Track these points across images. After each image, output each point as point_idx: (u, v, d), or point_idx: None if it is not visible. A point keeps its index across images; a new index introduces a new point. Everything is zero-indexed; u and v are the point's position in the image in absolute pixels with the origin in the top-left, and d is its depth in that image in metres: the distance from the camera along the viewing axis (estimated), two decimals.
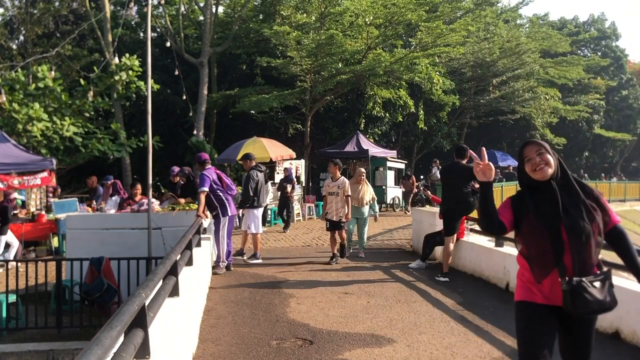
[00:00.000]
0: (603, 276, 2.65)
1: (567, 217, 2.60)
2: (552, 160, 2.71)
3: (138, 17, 27.07)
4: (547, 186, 2.69)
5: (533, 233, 2.67)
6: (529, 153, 2.75)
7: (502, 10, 29.66)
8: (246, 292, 6.85)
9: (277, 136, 21.48)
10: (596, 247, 2.62)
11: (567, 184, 2.71)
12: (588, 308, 2.56)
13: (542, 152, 2.72)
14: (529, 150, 2.76)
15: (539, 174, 2.68)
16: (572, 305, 2.56)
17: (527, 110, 28.51)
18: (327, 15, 19.98)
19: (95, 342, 2.00)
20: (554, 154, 2.76)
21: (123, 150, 15.97)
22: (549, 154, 2.72)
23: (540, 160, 2.70)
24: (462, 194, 7.48)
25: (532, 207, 2.68)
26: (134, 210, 8.97)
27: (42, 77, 13.99)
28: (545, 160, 2.69)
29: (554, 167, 2.70)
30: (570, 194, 2.67)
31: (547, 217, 2.63)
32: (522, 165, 2.79)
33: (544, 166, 2.68)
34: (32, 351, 6.20)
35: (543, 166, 2.68)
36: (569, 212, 2.61)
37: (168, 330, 3.45)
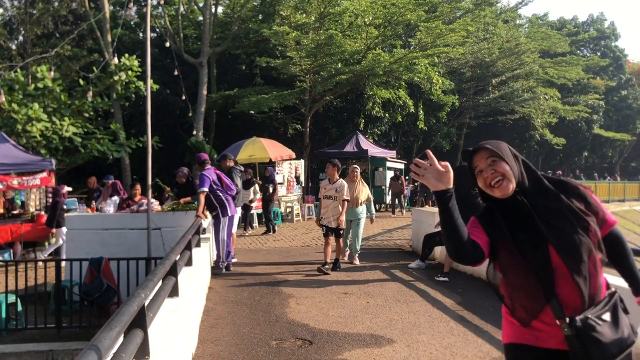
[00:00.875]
0: (610, 301, 1.99)
1: (553, 234, 1.94)
2: (511, 168, 2.02)
3: (137, 18, 27.07)
4: (514, 202, 2.03)
5: (512, 261, 2.01)
6: (478, 163, 2.08)
7: (502, 10, 29.69)
8: (245, 292, 6.85)
9: (277, 136, 21.48)
10: (599, 263, 1.97)
11: (541, 189, 2.05)
12: (606, 354, 1.87)
13: (495, 160, 2.03)
14: (478, 160, 2.08)
15: (497, 191, 2.03)
16: (584, 354, 1.88)
17: (527, 110, 28.53)
18: (327, 15, 19.98)
19: (94, 343, 2.00)
20: (513, 156, 2.09)
21: (122, 151, 15.96)
22: (505, 161, 2.03)
23: (494, 172, 2.02)
24: (471, 196, 7.48)
25: (506, 230, 2.02)
26: (134, 211, 8.97)
27: (41, 78, 13.98)
28: (500, 172, 2.01)
29: (515, 176, 2.02)
30: (550, 200, 2.01)
31: (527, 241, 1.98)
32: (475, 182, 2.14)
33: (501, 180, 2.01)
34: (31, 351, 6.19)
35: (500, 180, 2.01)
36: (554, 225, 1.95)
37: (167, 331, 3.45)
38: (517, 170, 2.05)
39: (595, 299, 1.95)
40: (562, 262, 1.92)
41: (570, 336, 1.89)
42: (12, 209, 11.86)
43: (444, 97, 24.35)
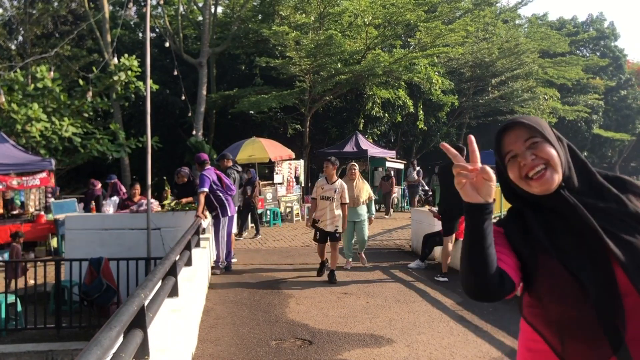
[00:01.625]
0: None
1: (619, 246, 1.37)
2: (557, 152, 1.45)
3: (137, 18, 27.07)
4: (558, 201, 1.44)
5: (558, 288, 1.39)
6: (511, 145, 1.49)
7: (501, 10, 29.68)
8: (245, 293, 6.85)
9: (276, 136, 21.47)
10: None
11: (594, 185, 1.49)
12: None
13: (537, 141, 1.46)
14: (510, 141, 1.49)
15: (536, 185, 1.44)
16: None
17: (526, 110, 28.51)
18: (326, 15, 19.98)
19: (94, 343, 2.00)
20: (557, 138, 1.52)
21: (122, 151, 15.97)
22: (550, 143, 1.46)
23: (535, 159, 1.44)
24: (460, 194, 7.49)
25: (546, 242, 1.44)
26: (133, 211, 8.97)
27: (41, 78, 13.99)
28: (544, 158, 1.43)
29: (561, 165, 1.45)
30: (607, 201, 1.45)
31: (580, 258, 1.39)
32: (503, 169, 1.53)
33: (543, 170, 1.43)
34: (31, 352, 6.19)
35: (542, 170, 1.43)
36: (618, 236, 1.39)
37: (167, 331, 3.45)
38: (564, 158, 1.47)
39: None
40: (635, 289, 1.32)
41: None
42: (12, 209, 11.86)
43: (444, 97, 24.36)
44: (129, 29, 25.70)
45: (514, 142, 1.49)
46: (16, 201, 12.49)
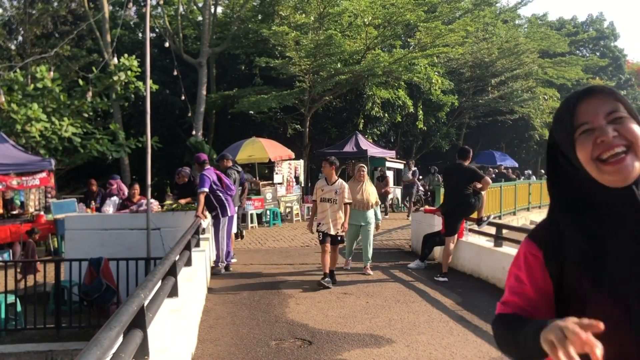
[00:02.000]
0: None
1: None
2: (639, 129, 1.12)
3: (137, 18, 27.05)
4: (626, 200, 1.11)
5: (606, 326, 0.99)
6: (589, 116, 1.14)
7: (501, 10, 29.68)
8: (245, 293, 6.85)
9: (276, 136, 21.46)
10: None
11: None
12: None
13: (622, 117, 1.13)
14: (587, 110, 1.15)
15: (612, 170, 1.10)
16: None
17: (526, 110, 28.54)
18: (326, 15, 19.97)
19: (94, 343, 2.01)
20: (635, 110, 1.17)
21: (122, 151, 15.96)
22: (634, 120, 1.14)
23: (616, 137, 1.11)
24: (463, 195, 7.51)
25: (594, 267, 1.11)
26: (133, 211, 8.97)
27: (40, 78, 13.98)
28: (629, 138, 1.11)
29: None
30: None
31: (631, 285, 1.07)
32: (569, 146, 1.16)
33: (623, 155, 1.10)
34: (31, 352, 6.19)
35: (622, 154, 1.10)
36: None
37: (167, 331, 3.45)
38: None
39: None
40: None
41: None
42: (12, 209, 11.85)
43: (444, 97, 24.36)
44: (129, 29, 25.69)
45: (593, 113, 1.13)
46: (16, 201, 12.48)
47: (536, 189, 18.50)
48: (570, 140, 1.15)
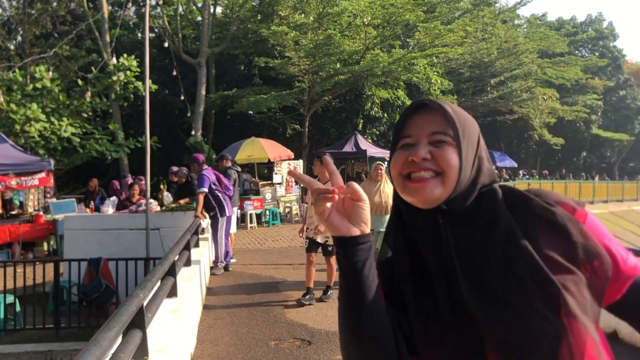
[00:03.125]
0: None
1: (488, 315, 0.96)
2: (461, 164, 1.02)
3: (136, 18, 27.04)
4: (426, 224, 1.05)
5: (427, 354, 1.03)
6: (414, 129, 1.07)
7: (500, 10, 29.71)
8: (244, 293, 6.85)
9: (276, 136, 21.46)
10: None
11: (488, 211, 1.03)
12: None
13: (444, 141, 1.04)
14: (417, 124, 1.07)
15: (411, 188, 1.04)
16: None
17: (525, 110, 28.56)
18: (325, 15, 19.98)
19: (93, 343, 2.01)
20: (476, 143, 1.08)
21: (121, 151, 15.96)
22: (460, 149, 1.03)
23: (426, 161, 1.03)
24: None
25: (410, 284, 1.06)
26: (132, 211, 8.97)
27: (39, 78, 13.98)
28: (440, 165, 1.02)
29: (455, 180, 1.02)
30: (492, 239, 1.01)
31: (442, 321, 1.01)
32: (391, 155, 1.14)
33: (426, 178, 1.02)
34: (30, 352, 6.19)
35: (425, 177, 1.03)
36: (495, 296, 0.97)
37: (166, 331, 3.45)
38: (469, 171, 1.05)
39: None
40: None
41: None
42: (11, 209, 11.85)
43: (443, 97, 24.35)
44: (128, 29, 25.69)
45: (419, 128, 1.07)
46: (15, 201, 12.48)
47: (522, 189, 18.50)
48: (392, 151, 1.11)
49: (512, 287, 0.96)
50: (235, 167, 9.67)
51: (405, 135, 1.08)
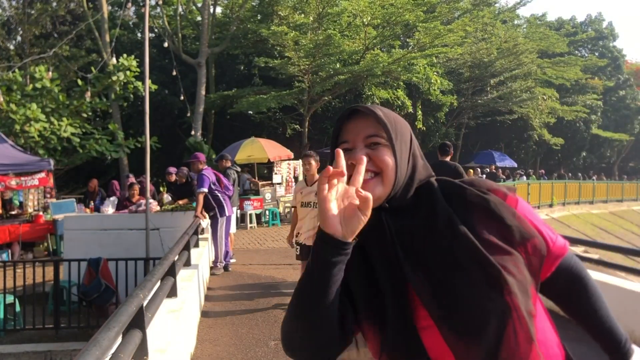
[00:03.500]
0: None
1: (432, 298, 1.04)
2: (396, 162, 1.11)
3: (136, 18, 27.03)
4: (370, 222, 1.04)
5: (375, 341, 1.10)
6: (350, 135, 1.15)
7: (500, 10, 29.72)
8: (244, 293, 6.86)
9: (275, 136, 21.46)
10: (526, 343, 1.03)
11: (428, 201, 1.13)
12: None
13: (379, 143, 1.12)
14: (352, 129, 1.15)
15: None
16: None
17: (525, 110, 28.56)
18: (325, 15, 19.97)
19: (93, 343, 2.01)
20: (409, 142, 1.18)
21: (121, 151, 15.96)
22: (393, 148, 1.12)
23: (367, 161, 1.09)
24: None
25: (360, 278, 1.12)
26: (132, 211, 8.97)
27: (39, 78, 13.98)
28: (378, 165, 1.11)
29: (394, 180, 1.11)
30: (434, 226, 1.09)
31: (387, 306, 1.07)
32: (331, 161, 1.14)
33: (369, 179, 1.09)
34: (29, 352, 6.19)
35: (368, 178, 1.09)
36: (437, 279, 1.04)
37: (166, 331, 3.45)
38: (405, 169, 1.13)
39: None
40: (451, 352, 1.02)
41: None
42: (11, 209, 11.85)
43: (442, 97, 24.37)
44: (128, 29, 25.68)
45: (354, 134, 1.14)
46: (15, 201, 12.48)
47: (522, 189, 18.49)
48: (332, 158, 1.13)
49: (456, 272, 1.03)
50: (235, 167, 9.67)
51: (342, 141, 1.15)
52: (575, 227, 20.87)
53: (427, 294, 1.04)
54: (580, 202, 25.06)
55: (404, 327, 1.05)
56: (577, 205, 24.66)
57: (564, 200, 23.66)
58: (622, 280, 5.54)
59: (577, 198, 24.83)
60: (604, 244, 11.48)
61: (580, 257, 7.19)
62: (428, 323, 1.04)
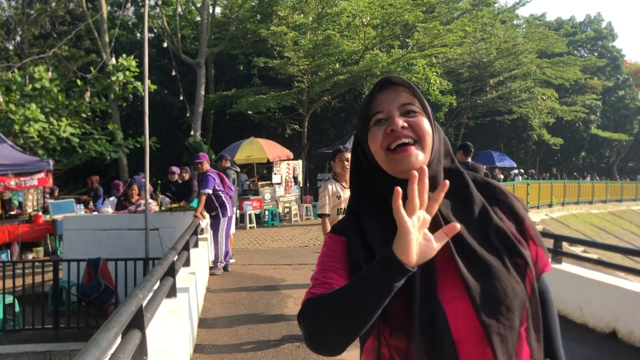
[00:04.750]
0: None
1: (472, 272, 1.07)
2: (430, 130, 1.15)
3: (135, 18, 27.01)
4: None
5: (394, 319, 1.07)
6: (383, 105, 1.15)
7: (499, 10, 29.72)
8: (244, 293, 6.85)
9: (275, 137, 21.46)
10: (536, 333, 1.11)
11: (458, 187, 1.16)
12: None
13: (415, 111, 1.15)
14: (385, 100, 1.16)
15: (398, 158, 1.11)
16: None
17: (524, 110, 28.58)
18: (324, 15, 19.97)
19: (92, 343, 2.00)
20: (431, 115, 1.19)
21: (120, 151, 15.94)
22: (425, 116, 1.16)
23: (406, 129, 1.12)
24: None
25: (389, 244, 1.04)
26: (131, 211, 8.96)
27: (38, 78, 13.96)
28: (417, 132, 1.13)
29: (432, 149, 1.15)
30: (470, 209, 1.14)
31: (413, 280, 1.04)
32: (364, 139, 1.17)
33: (408, 144, 1.12)
34: (29, 352, 6.19)
35: (407, 143, 1.12)
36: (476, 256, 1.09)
37: (165, 331, 3.45)
38: (437, 143, 1.17)
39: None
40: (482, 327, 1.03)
41: None
42: (10, 209, 11.85)
43: (442, 98, 24.37)
44: (127, 29, 25.67)
45: (388, 103, 1.14)
46: (14, 202, 12.48)
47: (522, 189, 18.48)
48: (365, 130, 1.17)
49: (490, 252, 1.09)
50: (235, 167, 9.68)
51: (376, 111, 1.16)
52: (574, 227, 20.88)
53: (465, 260, 1.07)
54: (579, 202, 25.09)
55: (430, 296, 1.05)
56: (577, 205, 24.69)
57: (563, 200, 23.68)
58: (621, 280, 5.54)
59: (576, 198, 24.86)
60: (603, 243, 11.50)
61: (580, 257, 7.18)
62: (453, 295, 1.07)
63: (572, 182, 26.26)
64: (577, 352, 4.57)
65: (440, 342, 1.03)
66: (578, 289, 5.48)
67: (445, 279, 1.08)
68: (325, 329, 1.03)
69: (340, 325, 1.01)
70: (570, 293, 5.49)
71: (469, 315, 1.05)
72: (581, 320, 5.32)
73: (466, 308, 1.05)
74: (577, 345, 4.74)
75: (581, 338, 4.95)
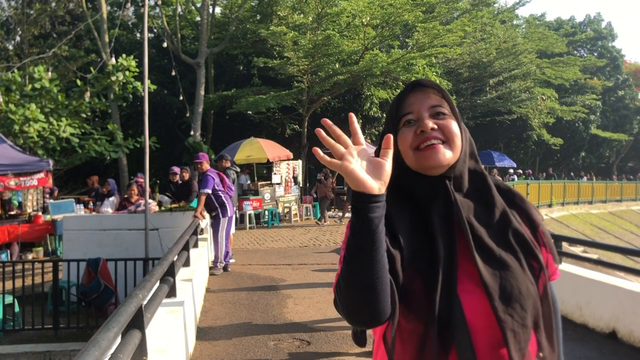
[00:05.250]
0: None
1: (488, 269, 1.12)
2: (458, 132, 1.22)
3: (135, 18, 27.02)
4: (437, 189, 1.18)
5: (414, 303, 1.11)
6: (414, 106, 1.21)
7: (499, 10, 29.74)
8: (243, 293, 6.85)
9: (274, 137, 21.47)
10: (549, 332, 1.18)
11: (482, 190, 1.22)
12: None
13: (444, 113, 1.21)
14: (413, 102, 1.22)
15: (426, 156, 1.17)
16: None
17: (524, 110, 28.59)
18: (324, 15, 19.97)
19: (92, 343, 2.00)
20: (460, 119, 1.25)
21: (120, 151, 15.93)
22: (454, 118, 1.23)
23: (435, 130, 1.19)
24: None
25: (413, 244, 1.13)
26: (131, 211, 8.96)
27: (38, 78, 13.96)
28: (446, 133, 1.19)
29: (459, 147, 1.20)
30: (491, 211, 1.20)
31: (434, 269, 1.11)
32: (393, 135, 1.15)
33: (437, 144, 1.17)
34: (29, 352, 6.18)
35: (435, 143, 1.18)
36: (494, 255, 1.14)
37: (165, 331, 3.45)
38: (466, 145, 1.23)
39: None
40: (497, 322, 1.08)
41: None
42: (10, 209, 11.85)
43: None
44: (127, 29, 25.67)
45: (418, 105, 1.20)
46: (14, 202, 12.47)
47: (521, 189, 18.49)
48: (395, 130, 1.22)
49: (508, 251, 1.16)
50: (234, 167, 9.67)
51: (405, 112, 1.22)
52: (574, 227, 20.89)
53: (483, 258, 1.13)
54: (579, 202, 25.10)
55: (449, 287, 1.10)
56: (576, 205, 24.70)
57: (563, 200, 23.69)
58: (621, 280, 5.54)
59: (576, 198, 24.87)
60: (603, 243, 11.50)
61: (580, 257, 7.18)
62: (471, 289, 1.12)
63: (571, 182, 26.27)
64: (577, 352, 4.58)
65: (456, 329, 1.08)
66: (578, 289, 5.49)
67: (464, 275, 1.13)
68: (349, 293, 1.06)
69: (358, 282, 1.04)
70: (570, 293, 5.49)
71: (485, 309, 1.10)
72: (581, 320, 5.32)
73: (483, 302, 1.10)
74: (577, 345, 4.74)
75: (581, 338, 4.95)
